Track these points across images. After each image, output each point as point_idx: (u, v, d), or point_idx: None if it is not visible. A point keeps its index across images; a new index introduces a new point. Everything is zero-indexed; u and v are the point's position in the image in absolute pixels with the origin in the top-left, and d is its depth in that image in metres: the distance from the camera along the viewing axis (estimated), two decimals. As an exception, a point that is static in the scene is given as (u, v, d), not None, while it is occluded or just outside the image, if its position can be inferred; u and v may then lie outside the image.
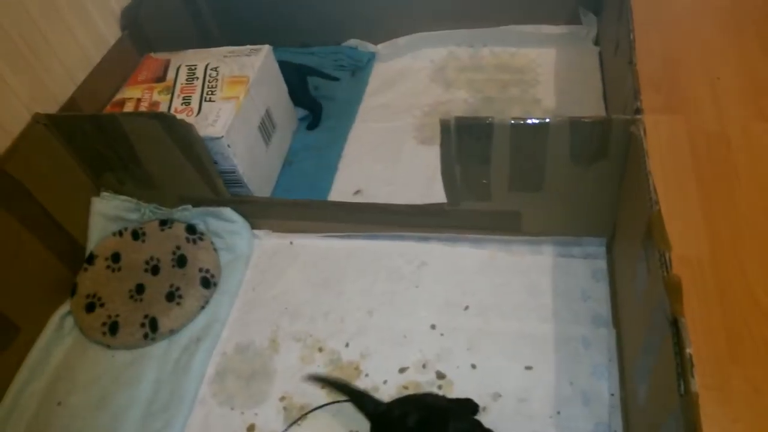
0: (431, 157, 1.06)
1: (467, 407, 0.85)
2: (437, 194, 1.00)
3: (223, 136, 1.04)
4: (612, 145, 0.83)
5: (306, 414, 0.89)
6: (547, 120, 0.82)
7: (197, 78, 1.17)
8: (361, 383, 0.92)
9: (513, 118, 0.83)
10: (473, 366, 0.92)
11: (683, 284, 0.58)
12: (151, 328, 1.03)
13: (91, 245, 1.16)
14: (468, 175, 0.93)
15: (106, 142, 1.07)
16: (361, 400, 0.86)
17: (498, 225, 1.02)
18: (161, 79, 1.20)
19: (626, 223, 0.86)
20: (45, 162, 1.08)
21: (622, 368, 0.87)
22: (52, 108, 1.11)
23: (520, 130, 0.84)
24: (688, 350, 0.54)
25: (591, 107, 1.23)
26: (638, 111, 0.78)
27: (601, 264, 0.98)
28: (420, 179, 1.17)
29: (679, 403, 0.53)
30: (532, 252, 1.02)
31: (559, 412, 0.85)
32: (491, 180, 0.92)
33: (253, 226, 1.17)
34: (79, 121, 1.06)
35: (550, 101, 1.29)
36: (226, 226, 1.15)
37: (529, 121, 0.83)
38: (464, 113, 1.30)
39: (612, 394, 0.85)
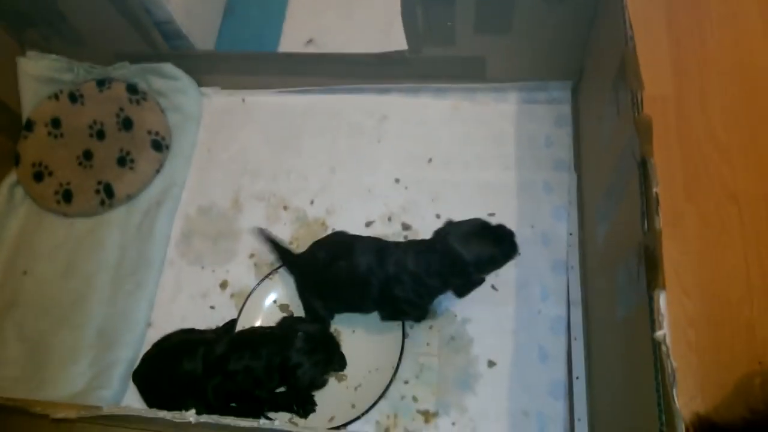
0: (389, -1, 0.98)
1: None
2: (397, 41, 0.94)
3: (153, -21, 0.93)
4: (586, -23, 0.77)
5: (277, 269, 0.90)
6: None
7: None
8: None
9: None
10: (437, 216, 0.93)
11: (649, 124, 0.57)
12: (107, 194, 0.99)
13: (27, 111, 1.07)
14: (431, 17, 0.87)
15: (21, -8, 0.95)
16: (283, 254, 0.89)
17: (462, 73, 0.98)
18: None
19: (596, 63, 0.83)
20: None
21: (581, 210, 0.90)
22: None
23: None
24: (654, 189, 0.54)
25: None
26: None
27: (566, 109, 0.97)
28: (377, 25, 1.08)
29: (642, 240, 0.55)
30: (496, 100, 1.00)
31: (519, 253, 0.89)
32: (456, 21, 0.86)
33: (200, 84, 1.09)
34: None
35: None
36: (170, 84, 1.07)
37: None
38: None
39: (570, 234, 0.89)
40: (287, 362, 0.77)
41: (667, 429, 0.48)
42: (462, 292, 0.79)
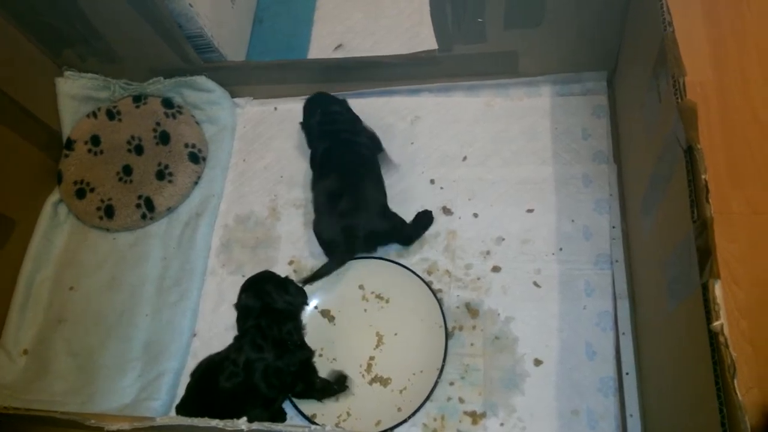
0: (416, -2, 0.98)
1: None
2: (426, 41, 0.94)
3: (183, -6, 0.94)
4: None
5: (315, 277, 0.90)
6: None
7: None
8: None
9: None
10: (475, 215, 0.93)
11: (690, 110, 0.56)
12: (148, 208, 1.01)
13: (67, 130, 1.10)
14: (460, 13, 0.86)
15: (57, 14, 0.97)
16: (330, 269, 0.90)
17: (493, 68, 0.97)
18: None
19: (632, 51, 0.82)
20: (-2, 47, 0.98)
21: (623, 202, 0.88)
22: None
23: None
24: (703, 176, 0.53)
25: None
26: None
27: (602, 99, 0.95)
28: (405, 25, 1.09)
29: (692, 229, 0.54)
30: (530, 94, 0.99)
31: (561, 249, 0.88)
32: (486, 17, 0.85)
33: (233, 95, 1.11)
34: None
35: None
36: (204, 97, 1.09)
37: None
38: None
39: (613, 227, 0.87)
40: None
41: (730, 422, 0.47)
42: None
